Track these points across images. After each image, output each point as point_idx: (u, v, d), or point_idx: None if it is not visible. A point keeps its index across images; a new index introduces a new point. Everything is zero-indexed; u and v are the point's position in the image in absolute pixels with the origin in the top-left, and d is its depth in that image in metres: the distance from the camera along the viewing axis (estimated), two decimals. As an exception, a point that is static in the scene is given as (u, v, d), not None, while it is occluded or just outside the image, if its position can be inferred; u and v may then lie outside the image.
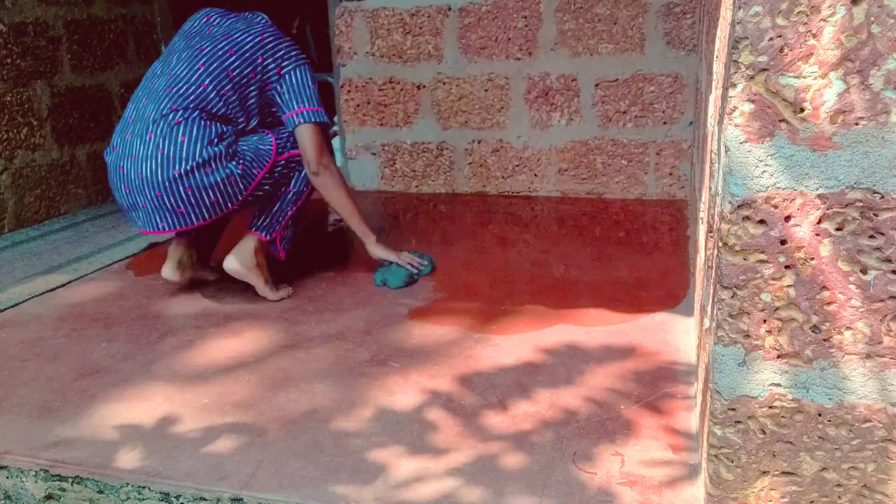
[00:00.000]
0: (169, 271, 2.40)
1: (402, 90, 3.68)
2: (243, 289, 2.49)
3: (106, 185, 3.82)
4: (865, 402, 1.11)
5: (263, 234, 2.36)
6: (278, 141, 2.31)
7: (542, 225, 3.16)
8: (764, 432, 1.17)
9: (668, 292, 2.32)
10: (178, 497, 1.44)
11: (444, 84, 3.61)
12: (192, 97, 2.19)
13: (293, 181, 2.37)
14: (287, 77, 2.31)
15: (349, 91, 3.77)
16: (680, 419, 1.60)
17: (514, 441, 1.54)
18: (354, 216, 2.48)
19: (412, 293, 2.41)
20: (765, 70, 1.03)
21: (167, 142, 2.14)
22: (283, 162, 2.31)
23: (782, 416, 1.15)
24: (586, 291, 2.37)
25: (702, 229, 1.71)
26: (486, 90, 3.56)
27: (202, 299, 2.43)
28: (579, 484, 1.39)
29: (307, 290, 2.46)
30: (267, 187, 2.31)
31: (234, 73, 2.25)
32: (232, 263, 2.32)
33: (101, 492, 1.49)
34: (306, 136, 2.28)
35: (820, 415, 1.14)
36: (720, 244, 1.12)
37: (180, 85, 2.21)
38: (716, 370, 1.17)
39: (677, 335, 2.02)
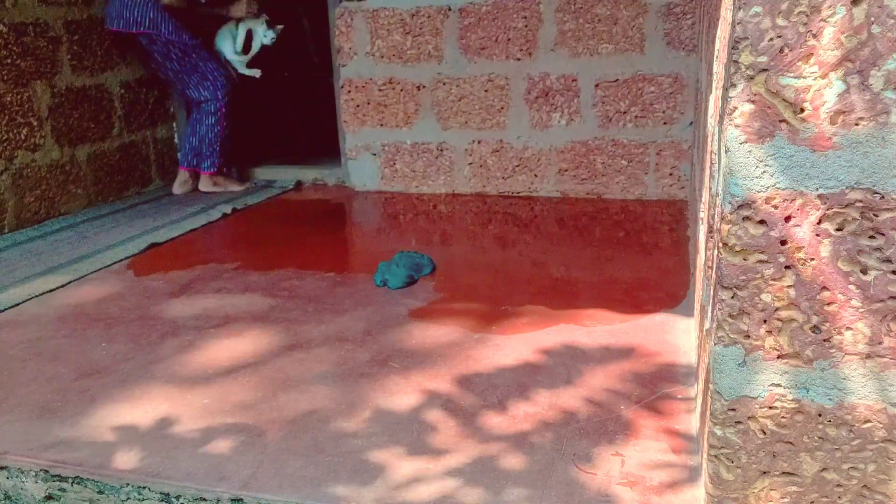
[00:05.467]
0: (176, 187, 4.00)
1: (402, 90, 3.68)
2: (243, 289, 2.49)
3: (106, 185, 3.83)
4: (865, 403, 1.11)
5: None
6: None
7: (542, 225, 3.16)
8: (764, 433, 1.17)
9: (668, 292, 2.32)
10: (178, 497, 1.44)
11: (444, 84, 3.61)
12: None
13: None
14: None
15: (349, 91, 3.77)
16: (680, 420, 1.60)
17: (514, 442, 1.54)
18: None
19: (412, 293, 2.41)
20: (765, 70, 1.03)
21: None
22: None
23: (782, 417, 1.15)
24: (586, 292, 2.37)
25: (702, 229, 1.70)
26: (486, 90, 3.56)
27: (202, 299, 2.43)
28: (579, 484, 1.39)
29: (307, 290, 2.46)
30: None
31: None
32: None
33: (101, 492, 1.49)
34: None
35: (820, 415, 1.14)
36: (720, 244, 1.12)
37: None
38: (716, 371, 1.17)
39: (677, 335, 2.02)
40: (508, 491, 1.38)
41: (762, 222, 1.08)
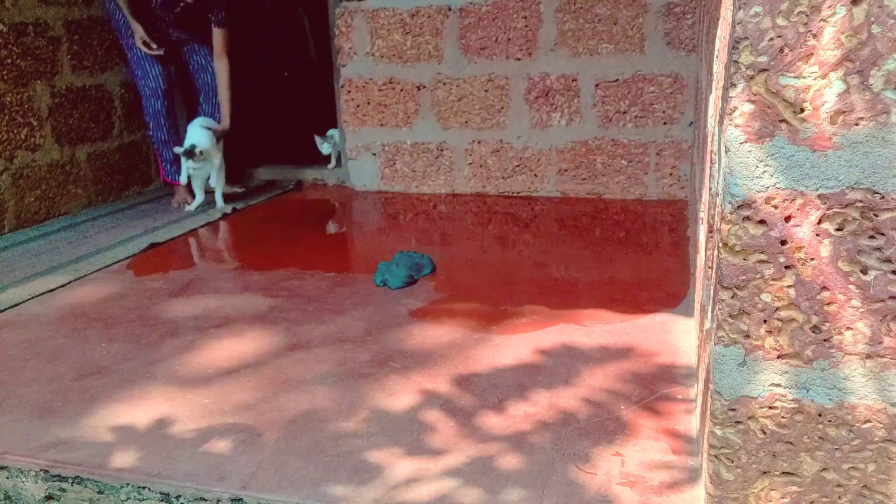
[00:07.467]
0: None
1: (402, 90, 3.68)
2: (243, 289, 2.49)
3: (106, 185, 3.83)
4: (865, 403, 1.11)
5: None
6: None
7: (542, 225, 3.16)
8: (764, 433, 1.17)
9: (668, 292, 2.32)
10: (178, 497, 1.44)
11: (444, 84, 3.61)
12: None
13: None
14: None
15: (349, 91, 3.77)
16: (680, 420, 1.60)
17: (514, 442, 1.54)
18: (226, 102, 3.59)
19: (412, 293, 2.41)
20: (765, 70, 1.03)
21: None
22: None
23: (782, 417, 1.15)
24: (586, 292, 2.37)
25: (702, 229, 1.70)
26: (486, 90, 3.56)
27: (202, 299, 2.43)
28: (579, 484, 1.39)
29: (307, 290, 2.46)
30: None
31: None
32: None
33: (101, 492, 1.49)
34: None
35: (820, 415, 1.14)
36: (720, 244, 1.12)
37: None
38: (716, 370, 1.17)
39: (677, 335, 2.02)
40: (507, 491, 1.38)
41: (762, 222, 1.08)
